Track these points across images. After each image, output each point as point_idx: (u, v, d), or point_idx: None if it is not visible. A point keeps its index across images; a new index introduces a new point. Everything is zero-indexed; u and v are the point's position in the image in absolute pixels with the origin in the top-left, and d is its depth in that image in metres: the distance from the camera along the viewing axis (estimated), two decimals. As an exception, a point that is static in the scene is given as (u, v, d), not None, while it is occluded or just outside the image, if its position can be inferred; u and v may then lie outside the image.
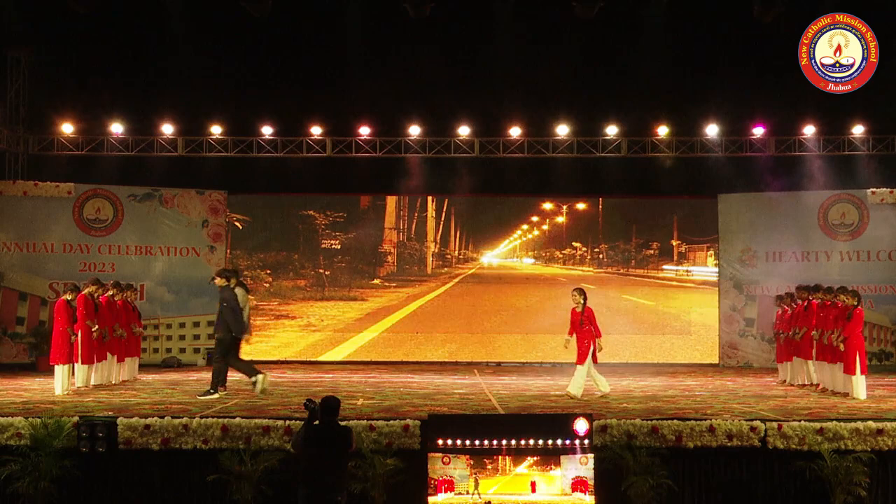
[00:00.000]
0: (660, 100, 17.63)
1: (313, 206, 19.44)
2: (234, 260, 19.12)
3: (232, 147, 18.20)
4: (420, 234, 19.93)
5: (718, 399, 12.85)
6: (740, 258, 18.57)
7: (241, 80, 17.23)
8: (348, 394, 13.24)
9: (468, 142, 18.26)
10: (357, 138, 18.21)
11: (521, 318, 19.21)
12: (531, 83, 17.21)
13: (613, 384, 14.61)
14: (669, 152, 18.28)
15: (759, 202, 18.54)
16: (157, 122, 17.95)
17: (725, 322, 18.62)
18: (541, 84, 17.26)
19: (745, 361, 18.28)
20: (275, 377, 15.70)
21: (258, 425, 10.02)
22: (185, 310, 18.30)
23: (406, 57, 16.66)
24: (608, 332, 18.56)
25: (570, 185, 18.78)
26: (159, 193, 18.40)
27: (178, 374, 16.19)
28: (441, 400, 12.66)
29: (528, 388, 14.24)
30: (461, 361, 18.41)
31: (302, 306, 19.42)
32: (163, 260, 18.31)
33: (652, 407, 11.88)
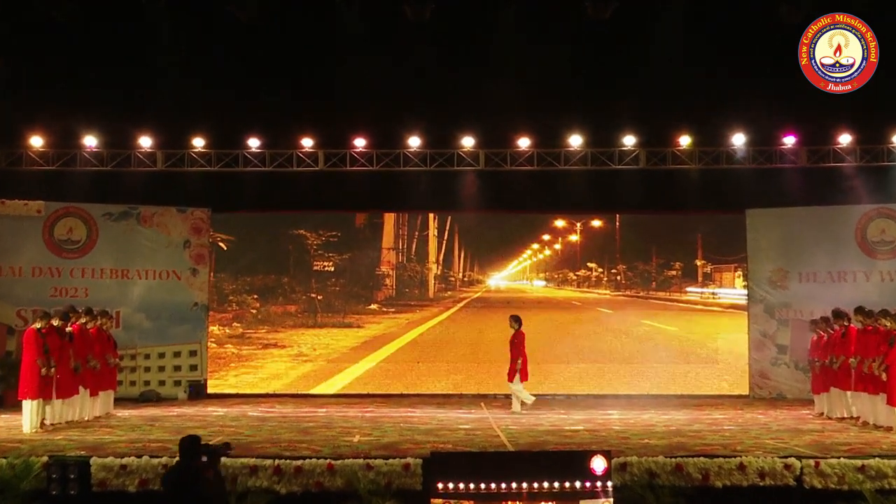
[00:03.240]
0: (681, 107, 17.62)
1: (304, 225, 19.46)
2: (218, 283, 19.14)
3: (216, 161, 18.23)
4: (421, 254, 19.94)
5: (749, 434, 12.80)
6: (771, 279, 18.53)
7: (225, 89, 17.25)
8: (343, 430, 13.21)
9: (472, 154, 18.28)
10: (352, 151, 18.24)
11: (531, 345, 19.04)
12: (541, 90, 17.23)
13: (633, 418, 14.61)
14: (692, 164, 18.29)
15: (791, 218, 18.52)
16: (135, 135, 17.96)
17: (755, 349, 18.56)
18: (551, 91, 17.28)
19: (778, 392, 18.21)
20: (263, 412, 15.68)
21: (245, 465, 10.00)
22: (164, 338, 18.26)
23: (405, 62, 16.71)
24: (627, 361, 18.75)
25: (584, 201, 18.79)
26: (137, 211, 18.42)
27: (157, 410, 16.14)
28: (445, 436, 12.63)
29: (540, 423, 14.20)
30: (467, 394, 18.36)
31: (292, 334, 19.40)
32: (140, 284, 18.30)
33: (676, 443, 11.84)
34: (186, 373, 18.17)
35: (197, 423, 14.00)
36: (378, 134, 18.22)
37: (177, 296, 18.31)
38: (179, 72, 16.47)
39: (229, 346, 19.25)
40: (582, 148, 18.21)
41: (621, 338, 19.03)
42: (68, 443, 11.67)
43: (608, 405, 16.61)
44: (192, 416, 15.15)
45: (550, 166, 18.34)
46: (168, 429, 13.27)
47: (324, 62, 17.10)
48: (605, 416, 14.95)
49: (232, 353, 19.20)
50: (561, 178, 18.46)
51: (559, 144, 18.26)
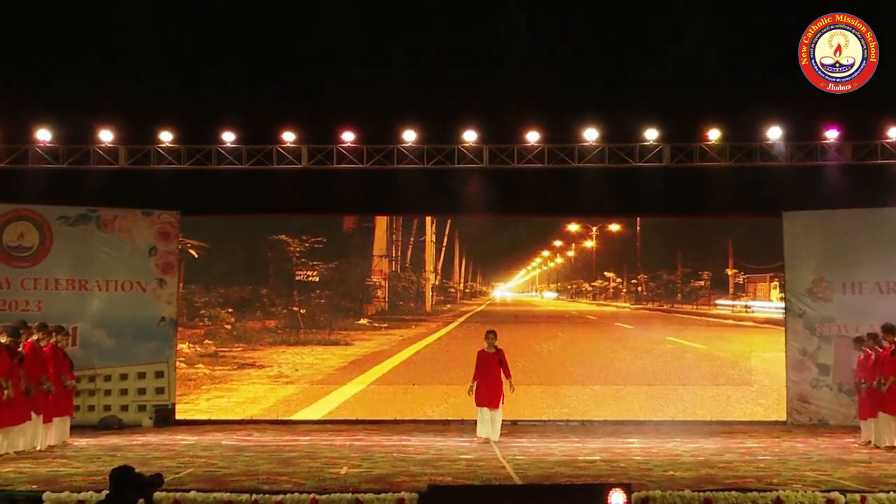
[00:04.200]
0: (710, 97, 17.64)
1: (286, 230, 19.46)
2: (188, 296, 19.12)
3: (186, 158, 18.23)
4: (417, 263, 19.93)
5: (787, 465, 12.80)
6: (811, 290, 18.52)
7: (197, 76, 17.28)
8: (329, 460, 13.19)
9: (475, 149, 18.28)
10: (340, 146, 18.24)
11: (541, 365, 19.14)
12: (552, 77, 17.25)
13: (656, 446, 14.58)
14: (722, 161, 18.29)
15: (834, 221, 18.52)
16: (94, 128, 17.97)
17: (794, 370, 18.54)
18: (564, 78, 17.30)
19: (820, 418, 18.19)
20: (239, 440, 15.65)
21: (218, 500, 9.97)
22: (127, 357, 18.25)
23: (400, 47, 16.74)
24: (649, 383, 18.74)
25: (601, 202, 18.79)
26: (97, 214, 18.42)
27: (118, 438, 16.11)
28: (444, 468, 12.61)
29: (552, 452, 14.19)
30: (468, 420, 18.24)
31: (272, 353, 19.38)
32: (100, 296, 18.28)
33: (704, 475, 11.83)
34: (152, 396, 18.15)
35: (164, 454, 13.97)
36: (369, 127, 18.22)
37: (141, 310, 18.29)
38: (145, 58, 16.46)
39: (201, 367, 19.22)
40: (598, 143, 18.21)
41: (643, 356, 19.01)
42: (18, 475, 11.62)
43: (628, 432, 16.61)
44: (158, 445, 15.11)
45: (563, 164, 18.34)
46: (131, 460, 13.17)
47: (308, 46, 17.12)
48: (624, 445, 14.93)
49: (204, 374, 19.17)
50: (575, 176, 18.47)
51: (573, 139, 18.26)
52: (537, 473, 12.14)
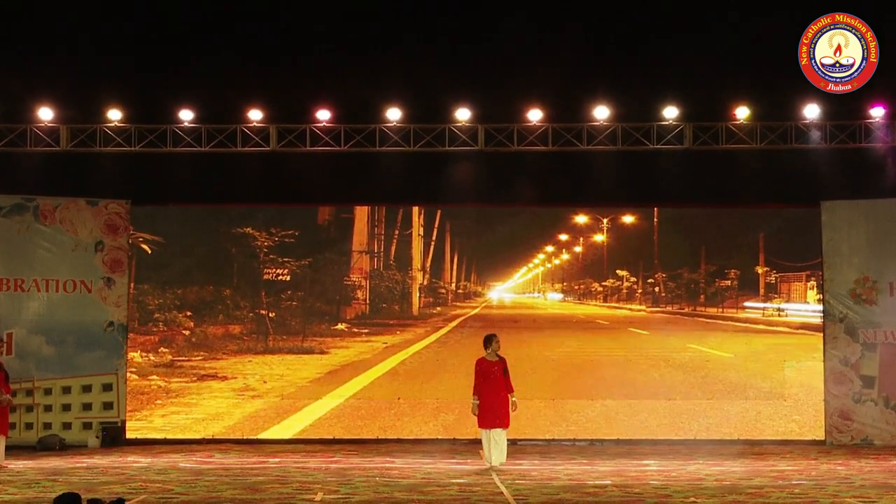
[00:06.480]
0: (737, 69, 17.70)
1: (252, 222, 19.48)
2: (140, 297, 19.13)
3: (137, 139, 18.25)
4: (402, 260, 19.97)
5: (825, 491, 12.86)
6: (854, 291, 18.59)
7: (149, 46, 17.29)
8: (302, 485, 13.24)
9: (469, 130, 18.33)
10: (313, 126, 18.28)
11: (545, 377, 19.21)
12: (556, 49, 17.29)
13: (675, 469, 14.64)
14: (752, 143, 18.36)
15: (880, 212, 18.59)
16: (32, 105, 17.98)
17: (834, 382, 18.61)
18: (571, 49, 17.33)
19: (864, 437, 18.28)
20: (199, 463, 15.68)
21: (174, 531, 10.02)
22: (70, 369, 18.26)
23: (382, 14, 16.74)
24: (667, 397, 18.79)
25: (613, 190, 18.84)
26: (34, 204, 18.42)
27: (60, 460, 16.14)
28: (433, 493, 12.65)
29: (556, 476, 14.25)
30: (461, 439, 18.40)
31: (236, 362, 19.42)
32: (39, 298, 18.29)
33: (731, 501, 11.88)
34: (99, 412, 18.16)
35: (112, 478, 14.00)
36: (347, 104, 18.24)
37: (86, 313, 18.30)
38: (90, 25, 16.45)
39: (155, 378, 19.24)
40: (610, 122, 18.25)
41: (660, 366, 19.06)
42: (-55, 503, 11.68)
43: (643, 453, 16.70)
44: (105, 468, 15.14)
45: (570, 146, 18.39)
46: (75, 485, 13.23)
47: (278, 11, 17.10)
48: (639, 468, 15.00)
49: (158, 386, 19.20)
50: (583, 160, 18.52)
51: (581, 118, 18.31)
52: (540, 500, 12.19)
